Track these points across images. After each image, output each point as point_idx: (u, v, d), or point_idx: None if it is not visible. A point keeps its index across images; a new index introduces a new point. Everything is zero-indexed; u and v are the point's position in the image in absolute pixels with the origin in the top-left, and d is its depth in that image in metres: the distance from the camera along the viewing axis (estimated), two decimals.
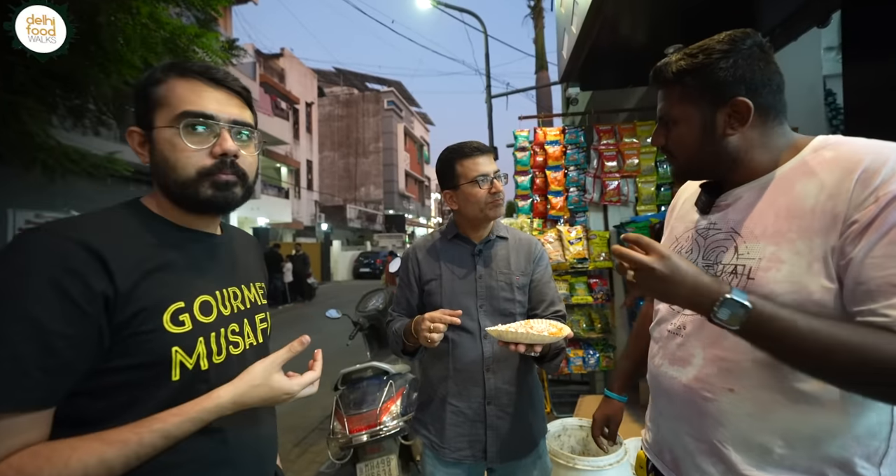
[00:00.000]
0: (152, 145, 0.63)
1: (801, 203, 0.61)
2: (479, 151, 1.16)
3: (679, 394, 0.73)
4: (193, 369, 0.60)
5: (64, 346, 0.51)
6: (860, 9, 1.67)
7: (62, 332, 0.51)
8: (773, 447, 0.62)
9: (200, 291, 0.64)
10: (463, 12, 8.62)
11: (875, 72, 1.59)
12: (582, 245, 3.02)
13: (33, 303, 0.50)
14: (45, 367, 0.50)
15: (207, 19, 5.62)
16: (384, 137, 27.01)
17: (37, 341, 0.50)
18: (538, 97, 8.53)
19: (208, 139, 0.62)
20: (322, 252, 16.85)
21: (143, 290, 0.57)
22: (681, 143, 0.72)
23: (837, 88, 2.72)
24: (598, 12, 2.42)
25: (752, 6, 2.28)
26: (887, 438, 0.59)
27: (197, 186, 0.62)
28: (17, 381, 0.49)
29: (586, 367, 3.02)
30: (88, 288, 0.53)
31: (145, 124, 0.63)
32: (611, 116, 3.86)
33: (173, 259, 0.62)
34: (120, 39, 3.77)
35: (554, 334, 0.93)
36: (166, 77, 0.62)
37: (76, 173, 5.55)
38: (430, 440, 1.17)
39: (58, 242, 0.54)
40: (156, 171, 0.63)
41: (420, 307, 1.23)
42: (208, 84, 0.64)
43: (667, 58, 0.72)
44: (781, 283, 0.60)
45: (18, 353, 0.49)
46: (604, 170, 3.28)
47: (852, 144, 0.62)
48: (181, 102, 0.61)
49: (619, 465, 1.61)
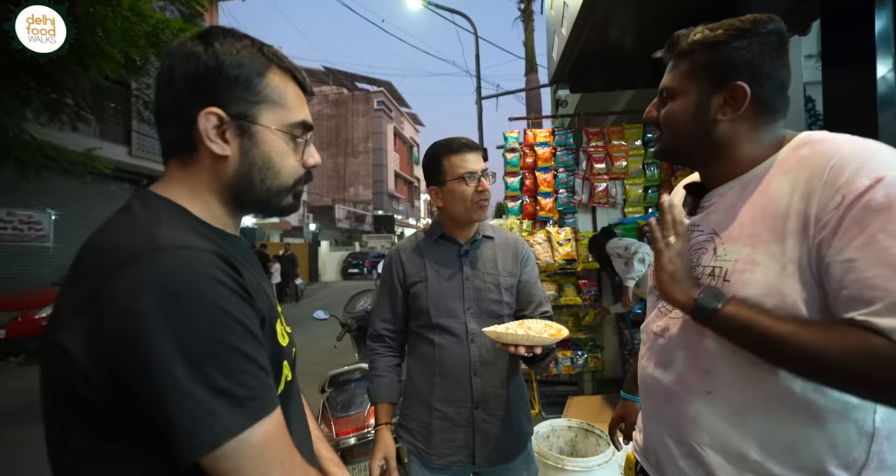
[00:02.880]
0: (248, 141, 0.54)
1: (776, 203, 0.60)
2: (467, 148, 1.12)
3: (662, 395, 0.73)
4: (288, 382, 0.60)
5: (265, 350, 0.51)
6: (839, 18, 1.72)
7: (259, 335, 0.50)
8: (748, 452, 0.61)
9: (276, 302, 0.61)
10: (453, 13, 8.63)
11: (853, 80, 1.63)
12: (571, 246, 3.04)
13: (236, 310, 0.46)
14: (269, 368, 0.50)
15: (192, 14, 5.52)
16: (374, 138, 26.86)
17: (260, 346, 0.49)
18: (528, 99, 8.60)
19: (306, 151, 0.61)
20: (310, 252, 16.64)
21: (260, 304, 0.52)
22: (671, 119, 0.71)
23: (817, 95, 2.81)
24: (587, 16, 2.44)
25: (737, 13, 2.33)
26: (867, 450, 0.56)
27: (286, 194, 0.60)
28: (268, 384, 0.48)
29: (574, 368, 3.04)
30: (249, 295, 0.50)
31: (239, 113, 0.53)
32: (600, 119, 3.90)
33: (253, 271, 0.58)
34: (99, 32, 3.66)
35: (554, 336, 0.92)
36: (270, 68, 0.55)
37: (52, 170, 5.38)
38: (415, 447, 1.14)
39: (207, 259, 0.47)
40: (245, 169, 0.55)
41: (405, 311, 1.19)
42: (304, 91, 0.61)
43: (687, 29, 0.70)
44: (755, 286, 0.59)
45: (258, 361, 0.47)
46: (592, 172, 3.31)
47: (829, 142, 0.60)
48: (298, 110, 0.58)
49: (608, 465, 1.62)
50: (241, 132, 0.54)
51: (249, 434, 0.44)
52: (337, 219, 21.94)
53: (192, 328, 0.43)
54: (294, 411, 0.62)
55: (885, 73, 1.53)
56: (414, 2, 8.20)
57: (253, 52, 0.54)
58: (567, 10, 2.86)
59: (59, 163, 5.30)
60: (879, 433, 0.56)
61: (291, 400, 0.62)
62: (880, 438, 0.56)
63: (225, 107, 0.52)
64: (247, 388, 0.45)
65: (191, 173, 0.55)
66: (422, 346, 1.16)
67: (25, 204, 7.38)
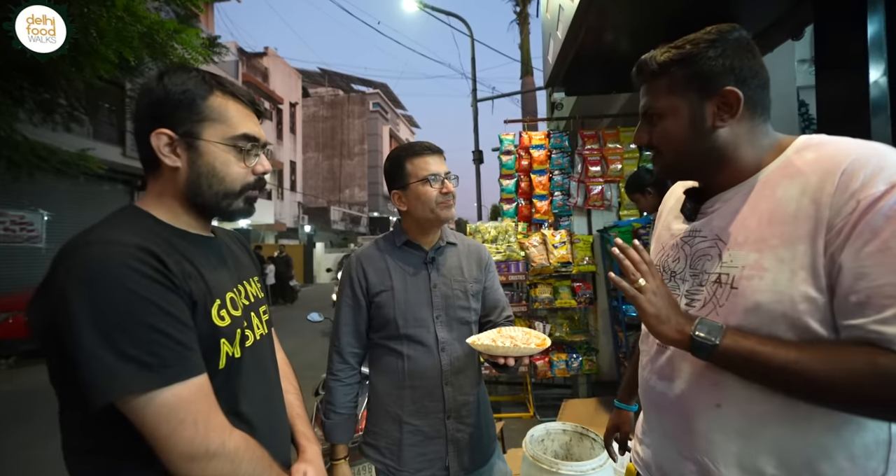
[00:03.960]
0: (194, 154, 0.66)
1: (784, 208, 0.59)
2: (430, 151, 1.10)
3: (667, 409, 0.70)
4: (232, 357, 0.68)
5: (187, 328, 0.60)
6: (832, 23, 1.74)
7: (182, 317, 0.60)
8: (764, 468, 0.59)
9: (226, 289, 0.70)
10: (449, 16, 8.65)
11: (846, 84, 1.65)
12: (566, 249, 3.04)
13: (149, 293, 0.56)
14: (191, 343, 0.60)
15: (187, 15, 5.49)
16: (369, 139, 26.84)
17: (179, 324, 0.59)
18: (523, 102, 8.62)
19: (252, 159, 0.71)
20: (305, 254, 16.57)
21: (193, 290, 0.63)
22: (668, 137, 0.69)
23: (810, 99, 2.83)
24: (583, 19, 2.45)
25: (730, 17, 2.35)
26: (885, 459, 0.55)
27: (234, 199, 0.70)
28: (184, 356, 0.58)
29: (569, 371, 3.04)
30: (172, 282, 0.59)
31: (185, 131, 0.65)
32: (595, 122, 3.92)
33: (199, 262, 0.67)
34: (93, 32, 3.63)
35: (539, 345, 0.92)
36: (211, 93, 0.67)
37: (45, 170, 5.32)
38: (385, 465, 1.09)
39: (127, 251, 0.57)
40: (194, 178, 0.66)
41: (368, 323, 1.14)
42: (251, 109, 0.71)
43: (650, 52, 0.69)
44: (765, 293, 0.58)
45: (173, 336, 0.57)
46: (588, 174, 3.32)
47: (834, 145, 0.59)
48: (239, 124, 0.68)
49: (602, 469, 1.61)
50: (188, 147, 0.66)
51: (157, 394, 0.55)
52: (332, 220, 21.88)
53: (105, 306, 0.53)
54: (251, 386, 0.71)
55: (878, 77, 1.54)
56: (410, 4, 8.22)
57: (197, 81, 0.66)
58: (562, 13, 2.87)
59: (51, 163, 5.25)
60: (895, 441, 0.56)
61: (242, 374, 0.70)
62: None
63: (173, 127, 0.65)
64: (157, 356, 0.55)
65: (158, 184, 0.68)
66: (388, 359, 1.11)
67: (18, 204, 7.29)
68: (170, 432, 0.55)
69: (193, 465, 0.56)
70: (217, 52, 6.04)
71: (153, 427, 0.55)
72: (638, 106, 0.75)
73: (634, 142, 0.76)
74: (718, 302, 0.63)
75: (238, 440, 0.61)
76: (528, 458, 1.56)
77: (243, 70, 14.36)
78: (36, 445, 2.92)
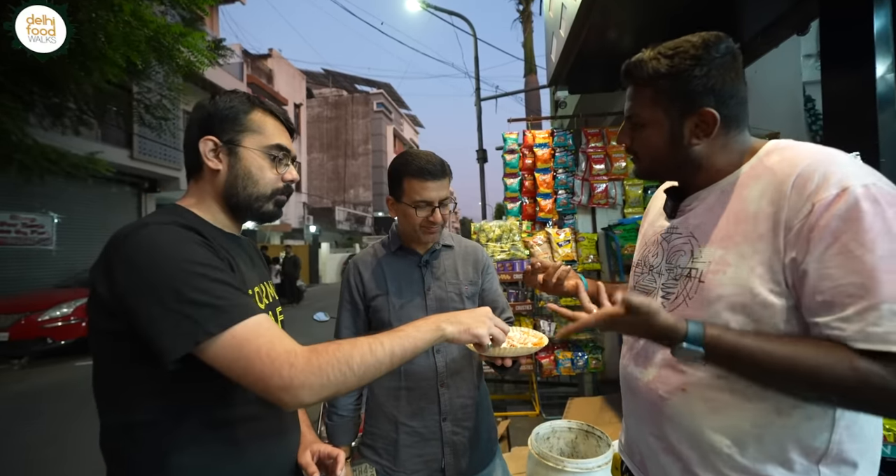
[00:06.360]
0: (234, 158, 0.75)
1: (746, 207, 0.63)
2: (430, 175, 1.04)
3: (642, 393, 0.75)
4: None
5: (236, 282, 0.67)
6: (838, 18, 1.72)
7: (230, 276, 0.67)
8: (721, 447, 0.64)
9: (253, 284, 0.78)
10: (452, 15, 8.65)
11: (853, 79, 1.63)
12: (570, 247, 3.04)
13: (205, 257, 0.64)
14: (243, 290, 0.67)
15: (193, 18, 5.55)
16: (373, 139, 26.90)
17: (230, 276, 0.66)
18: (527, 100, 8.60)
19: (283, 168, 0.80)
20: (310, 254, 16.66)
21: (233, 270, 0.70)
22: (646, 146, 0.74)
23: (816, 95, 2.80)
24: (586, 17, 2.44)
25: (735, 13, 2.33)
26: (828, 439, 0.60)
27: (265, 201, 0.78)
28: (245, 297, 0.65)
29: (575, 369, 3.03)
30: (217, 254, 0.67)
31: (228, 139, 0.75)
32: (599, 120, 3.90)
33: (233, 254, 0.74)
34: (101, 37, 3.68)
35: (537, 344, 0.92)
36: (253, 109, 0.77)
37: (54, 173, 5.40)
38: (382, 466, 1.11)
39: (178, 228, 0.65)
40: (231, 179, 0.75)
41: (366, 325, 1.16)
42: (284, 126, 0.81)
43: (640, 54, 0.72)
44: (727, 286, 0.62)
45: (231, 283, 0.64)
46: (592, 173, 3.31)
47: (795, 149, 0.63)
48: (274, 136, 0.78)
49: (608, 466, 1.61)
50: (230, 152, 0.75)
51: (236, 331, 0.60)
52: (337, 220, 21.95)
53: (168, 268, 0.60)
54: None
55: (885, 72, 1.53)
56: (413, 4, 8.23)
57: (242, 100, 0.77)
58: (565, 12, 2.86)
59: (61, 166, 5.33)
60: (839, 424, 0.60)
61: None
62: (839, 429, 0.60)
63: (218, 135, 0.74)
64: (224, 299, 0.61)
65: (199, 185, 0.77)
66: None
67: (28, 207, 7.40)
68: (253, 366, 0.59)
69: (287, 394, 0.58)
70: (222, 55, 6.09)
71: (238, 362, 0.59)
72: None
73: (617, 142, 0.80)
74: (688, 295, 0.68)
75: (307, 353, 0.62)
76: (533, 456, 1.57)
77: (248, 72, 14.45)
78: (47, 445, 2.97)
